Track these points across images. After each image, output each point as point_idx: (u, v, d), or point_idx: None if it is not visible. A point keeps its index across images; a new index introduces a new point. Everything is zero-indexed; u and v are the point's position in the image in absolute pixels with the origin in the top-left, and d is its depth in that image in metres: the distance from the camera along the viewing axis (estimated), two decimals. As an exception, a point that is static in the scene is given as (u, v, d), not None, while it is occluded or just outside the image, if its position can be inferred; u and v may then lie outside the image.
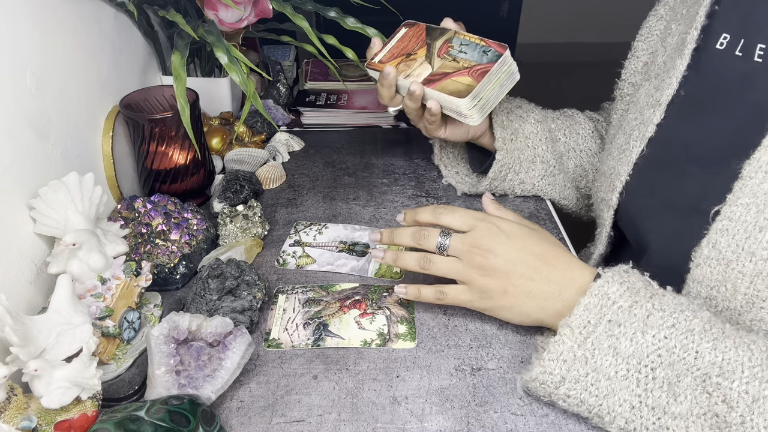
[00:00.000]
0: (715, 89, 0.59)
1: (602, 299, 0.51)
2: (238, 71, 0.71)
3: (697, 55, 0.61)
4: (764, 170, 0.51)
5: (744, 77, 0.56)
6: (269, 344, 0.62)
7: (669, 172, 0.63)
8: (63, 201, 0.60)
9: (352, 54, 0.88)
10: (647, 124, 0.64)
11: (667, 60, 0.66)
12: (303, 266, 0.73)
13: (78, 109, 0.70)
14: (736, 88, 0.57)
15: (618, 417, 0.49)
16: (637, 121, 0.67)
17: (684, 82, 0.62)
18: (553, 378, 0.51)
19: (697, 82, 0.61)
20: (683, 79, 0.62)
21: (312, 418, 0.54)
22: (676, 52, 0.64)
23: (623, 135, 0.69)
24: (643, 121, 0.66)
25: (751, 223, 0.51)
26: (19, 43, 0.59)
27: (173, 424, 0.46)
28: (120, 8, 0.82)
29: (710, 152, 0.59)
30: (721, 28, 0.58)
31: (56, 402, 0.48)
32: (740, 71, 0.56)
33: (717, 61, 0.59)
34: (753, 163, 0.51)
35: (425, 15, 0.92)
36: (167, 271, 0.68)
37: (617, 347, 0.49)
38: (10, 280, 0.57)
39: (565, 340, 0.51)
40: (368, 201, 0.85)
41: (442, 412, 0.54)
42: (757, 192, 0.51)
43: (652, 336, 0.49)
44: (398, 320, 0.64)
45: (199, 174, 0.80)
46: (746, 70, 0.55)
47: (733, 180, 0.53)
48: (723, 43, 0.58)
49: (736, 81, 0.57)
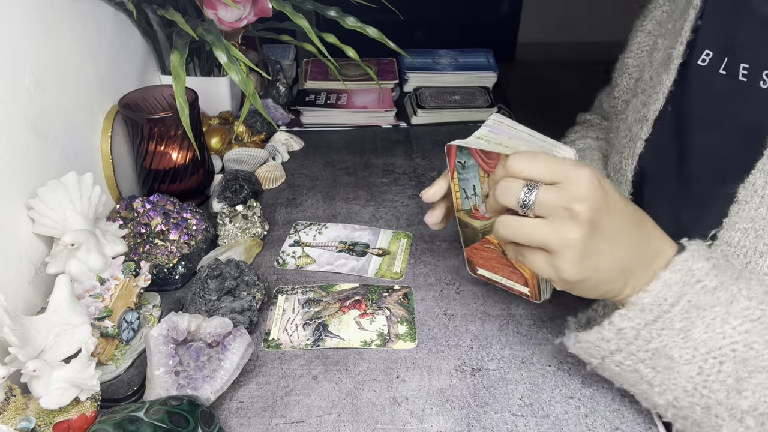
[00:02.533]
0: (702, 107, 0.58)
1: (685, 275, 0.45)
2: (237, 70, 0.70)
3: (683, 71, 0.60)
4: (760, 195, 0.50)
5: (730, 96, 0.55)
6: (269, 345, 0.61)
7: (662, 192, 0.62)
8: (62, 201, 0.60)
9: (352, 52, 0.88)
10: (636, 140, 0.63)
11: (653, 75, 0.65)
12: (303, 266, 0.72)
13: (77, 108, 0.70)
14: (722, 108, 0.56)
15: (667, 392, 0.47)
16: (627, 138, 0.66)
17: (671, 98, 0.61)
18: (609, 346, 0.48)
19: (683, 99, 0.60)
20: (670, 95, 0.61)
21: (312, 418, 0.54)
22: (662, 68, 0.63)
23: (616, 154, 0.68)
24: (632, 138, 0.65)
25: (751, 249, 0.50)
26: (17, 43, 0.59)
27: (172, 425, 0.46)
28: (119, 7, 0.81)
29: (701, 171, 0.58)
30: (704, 45, 0.57)
31: (55, 403, 0.48)
32: (725, 90, 0.55)
33: (702, 78, 0.57)
34: (748, 187, 0.50)
35: (425, 15, 0.92)
36: (166, 271, 0.67)
37: (689, 331, 0.45)
38: (9, 281, 0.57)
39: (631, 316, 0.46)
40: (368, 201, 0.85)
41: (442, 413, 0.54)
42: (754, 217, 0.50)
43: (732, 327, 0.44)
44: (398, 320, 0.64)
45: (198, 174, 0.80)
46: (732, 89, 0.54)
47: (729, 203, 0.51)
48: (705, 60, 0.56)
49: (722, 100, 0.56)
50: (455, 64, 1.18)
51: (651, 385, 0.48)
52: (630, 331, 0.47)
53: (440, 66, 1.17)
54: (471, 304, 0.67)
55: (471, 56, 1.21)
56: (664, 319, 0.46)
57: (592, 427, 0.53)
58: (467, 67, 1.17)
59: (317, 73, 1.15)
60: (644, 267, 0.48)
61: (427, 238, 0.77)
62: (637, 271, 0.47)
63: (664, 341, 0.46)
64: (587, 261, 0.45)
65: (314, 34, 0.82)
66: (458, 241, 0.76)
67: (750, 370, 0.44)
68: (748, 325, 0.44)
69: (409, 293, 0.68)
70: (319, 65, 1.17)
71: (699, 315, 0.45)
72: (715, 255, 0.47)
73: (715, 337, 0.45)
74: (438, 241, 0.77)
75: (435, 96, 1.10)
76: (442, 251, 0.75)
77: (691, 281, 0.45)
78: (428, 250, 0.75)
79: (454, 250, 0.75)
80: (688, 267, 0.45)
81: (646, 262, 0.48)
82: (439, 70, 1.16)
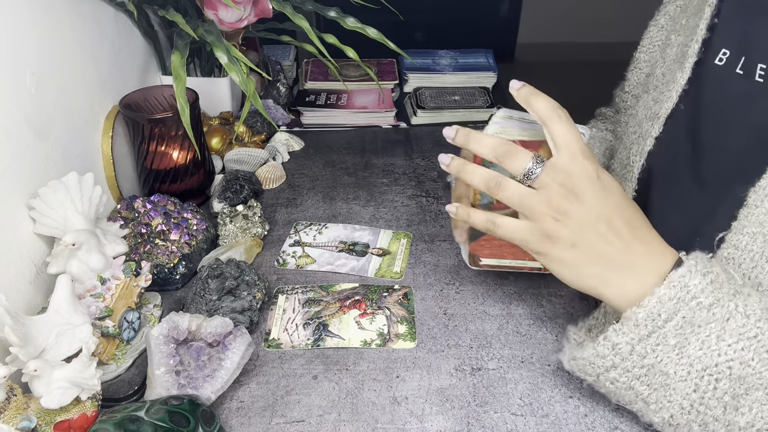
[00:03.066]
0: (716, 107, 0.57)
1: (680, 291, 0.45)
2: (237, 71, 0.71)
3: (697, 69, 0.58)
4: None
5: (744, 96, 0.54)
6: (269, 344, 0.62)
7: (671, 191, 0.61)
8: (62, 201, 0.60)
9: (353, 53, 0.88)
10: (646, 137, 0.63)
11: (666, 72, 0.64)
12: (303, 266, 0.73)
13: (78, 108, 0.70)
14: (736, 108, 0.55)
15: (664, 410, 0.47)
16: (636, 135, 0.65)
17: (684, 96, 0.60)
18: (605, 362, 0.48)
19: (698, 98, 0.59)
20: (683, 93, 0.60)
21: (312, 418, 0.54)
22: (675, 65, 0.62)
23: (624, 149, 0.67)
24: (641, 135, 0.64)
25: (758, 253, 0.49)
26: (18, 43, 0.59)
27: (173, 425, 0.46)
28: (120, 8, 0.82)
29: (711, 172, 0.57)
30: (721, 44, 0.56)
31: (56, 402, 0.48)
32: (741, 90, 0.54)
33: (717, 77, 0.56)
34: (758, 191, 0.49)
35: (425, 15, 0.92)
36: (167, 271, 0.67)
37: (684, 347, 0.45)
38: (10, 280, 0.57)
39: (626, 331, 0.46)
40: (368, 201, 0.85)
41: (442, 413, 0.54)
42: (763, 221, 0.49)
43: (727, 345, 0.44)
44: (398, 320, 0.64)
45: (198, 174, 0.80)
46: (747, 89, 0.53)
47: (738, 206, 0.50)
48: (722, 59, 0.55)
49: (737, 100, 0.54)
50: (455, 65, 1.18)
51: (647, 403, 0.48)
52: (625, 347, 0.47)
53: (440, 66, 1.17)
54: (471, 303, 0.67)
55: (471, 57, 1.21)
56: (659, 334, 0.46)
57: (591, 427, 0.53)
58: (467, 68, 1.17)
59: (317, 73, 1.15)
60: (627, 268, 0.49)
61: (427, 238, 0.77)
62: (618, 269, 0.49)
63: (659, 357, 0.46)
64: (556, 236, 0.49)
65: (314, 34, 0.82)
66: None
67: (747, 387, 0.44)
68: (744, 342, 0.44)
69: (409, 293, 0.68)
70: (319, 66, 1.17)
71: (693, 332, 0.45)
72: (714, 269, 0.46)
73: (710, 354, 0.45)
74: (438, 241, 0.77)
75: (435, 96, 1.10)
76: (442, 251, 0.75)
77: (686, 297, 0.45)
78: (428, 250, 0.75)
79: (454, 250, 0.75)
80: (684, 283, 0.45)
81: (630, 263, 0.49)
82: (439, 70, 1.16)
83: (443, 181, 0.89)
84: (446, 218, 0.81)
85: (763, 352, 0.44)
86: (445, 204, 0.83)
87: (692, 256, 0.48)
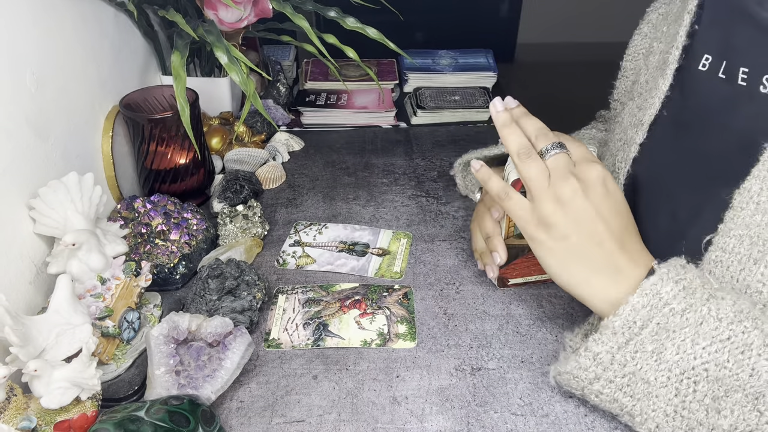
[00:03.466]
0: (699, 111, 0.57)
1: (653, 299, 0.47)
2: (237, 71, 0.71)
3: (679, 76, 0.59)
4: (755, 201, 0.49)
5: (727, 101, 0.54)
6: (269, 344, 0.62)
7: (656, 195, 0.61)
8: (63, 201, 0.60)
9: (352, 53, 0.88)
10: (630, 144, 0.63)
11: (649, 79, 0.64)
12: (303, 266, 0.73)
13: (78, 108, 0.70)
14: (720, 112, 0.55)
15: (649, 420, 0.48)
16: (621, 142, 0.65)
17: (667, 103, 0.60)
18: (587, 374, 0.50)
19: (681, 103, 0.59)
20: (666, 100, 0.60)
21: (312, 418, 0.54)
22: (657, 72, 0.62)
23: (610, 156, 0.68)
24: (626, 141, 0.64)
25: (745, 255, 0.50)
26: (18, 43, 0.59)
27: (173, 425, 0.46)
28: (120, 8, 0.82)
29: (696, 177, 0.57)
30: (702, 49, 0.56)
31: (56, 402, 0.48)
32: (723, 94, 0.54)
33: (700, 82, 0.57)
34: (743, 194, 0.50)
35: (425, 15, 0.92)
36: (167, 271, 0.67)
37: (661, 353, 0.47)
38: (10, 280, 0.57)
39: (605, 340, 0.48)
40: (368, 201, 0.85)
41: (442, 412, 0.54)
42: (749, 224, 0.49)
43: (702, 348, 0.45)
44: (398, 320, 0.64)
45: (198, 174, 0.80)
46: (730, 93, 0.53)
47: (724, 209, 0.51)
48: (705, 65, 0.55)
49: (720, 104, 0.55)
50: (455, 65, 1.18)
51: (632, 415, 0.49)
52: (605, 356, 0.48)
53: (440, 66, 1.17)
54: (471, 303, 0.67)
55: (471, 57, 1.21)
56: (636, 341, 0.48)
57: (591, 427, 0.53)
58: (467, 68, 1.17)
59: (317, 73, 1.15)
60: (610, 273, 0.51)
61: (427, 238, 0.77)
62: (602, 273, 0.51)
63: (638, 364, 0.48)
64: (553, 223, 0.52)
65: (314, 34, 0.82)
66: (457, 240, 0.76)
67: (726, 389, 0.45)
68: (717, 345, 0.45)
69: (409, 293, 0.68)
70: (319, 66, 1.17)
71: (669, 337, 0.47)
72: (688, 276, 0.48)
73: (686, 358, 0.46)
74: (438, 241, 0.77)
75: (435, 96, 1.10)
76: (442, 251, 0.75)
77: (658, 304, 0.47)
78: (428, 250, 0.75)
79: (454, 250, 0.75)
80: (656, 291, 0.47)
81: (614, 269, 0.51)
82: (438, 70, 1.16)
83: (443, 181, 0.89)
84: (446, 218, 0.81)
85: (737, 353, 0.45)
86: (445, 204, 0.84)
87: (666, 264, 0.49)
